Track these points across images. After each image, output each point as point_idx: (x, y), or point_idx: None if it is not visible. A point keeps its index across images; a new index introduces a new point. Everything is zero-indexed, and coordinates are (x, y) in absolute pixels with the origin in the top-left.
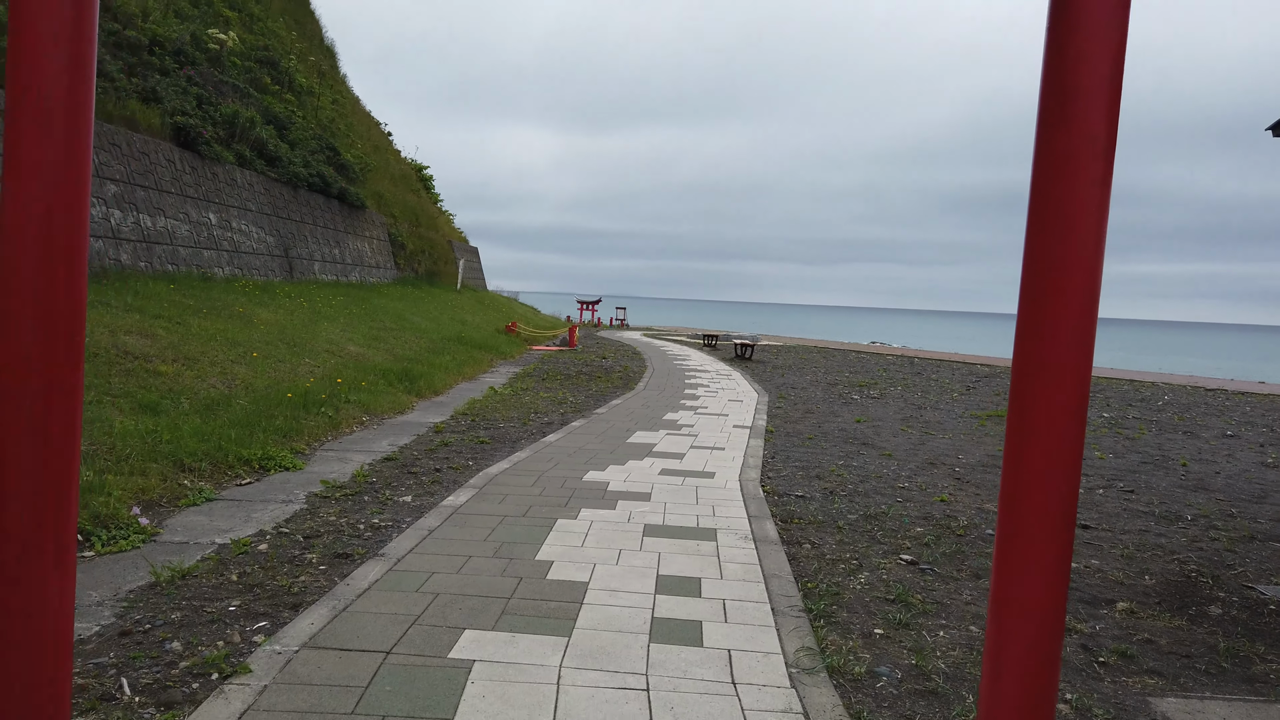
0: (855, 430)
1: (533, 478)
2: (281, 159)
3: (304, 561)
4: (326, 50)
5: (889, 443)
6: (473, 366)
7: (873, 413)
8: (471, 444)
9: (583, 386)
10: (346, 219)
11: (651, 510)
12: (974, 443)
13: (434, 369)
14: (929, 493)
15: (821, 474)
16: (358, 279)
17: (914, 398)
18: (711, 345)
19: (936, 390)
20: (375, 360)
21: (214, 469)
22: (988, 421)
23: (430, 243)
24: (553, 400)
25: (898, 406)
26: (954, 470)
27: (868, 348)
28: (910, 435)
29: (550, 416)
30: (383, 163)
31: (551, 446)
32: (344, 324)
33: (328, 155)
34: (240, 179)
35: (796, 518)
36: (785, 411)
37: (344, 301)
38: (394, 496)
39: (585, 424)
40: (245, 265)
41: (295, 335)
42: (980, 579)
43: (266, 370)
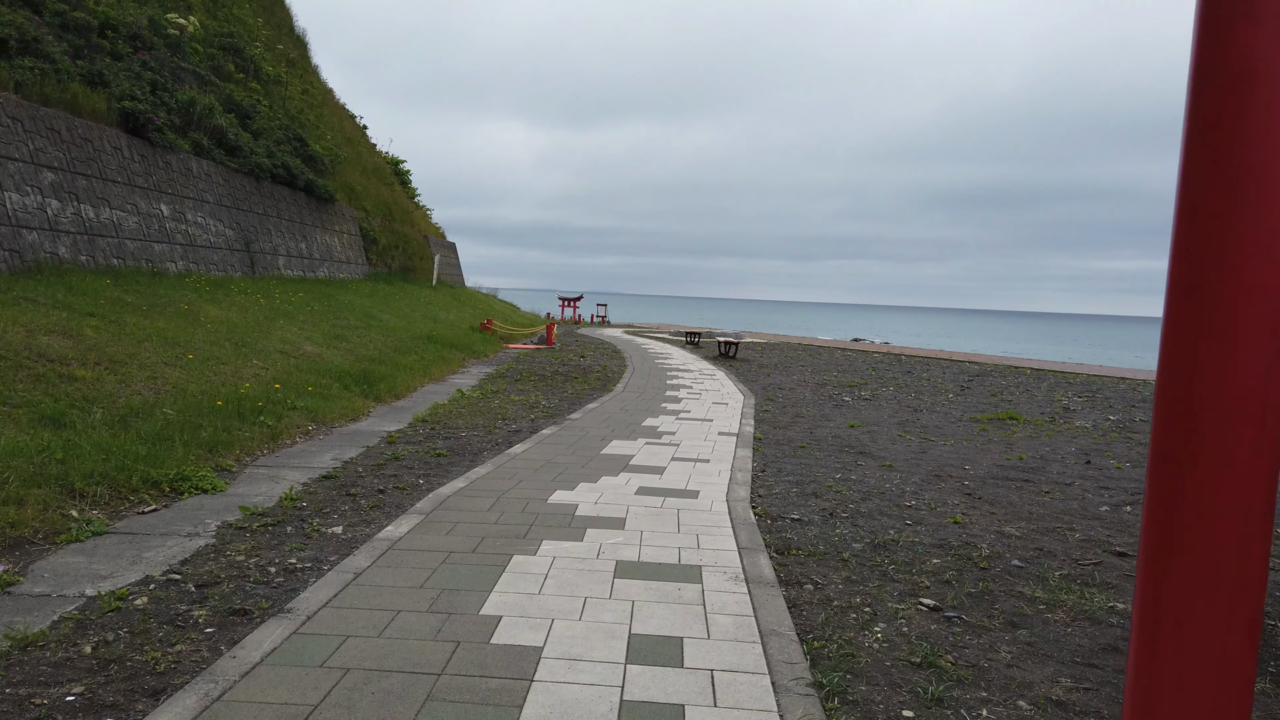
0: (850, 436)
1: (490, 499)
2: (243, 148)
3: (187, 622)
4: (297, 39)
5: (888, 451)
6: (441, 367)
7: (866, 416)
8: (426, 457)
9: (558, 388)
10: (314, 212)
11: (625, 542)
12: (979, 450)
13: (398, 370)
14: (940, 513)
15: (818, 490)
16: (326, 275)
17: (908, 399)
18: (694, 343)
19: (930, 391)
20: (333, 361)
21: (113, 494)
22: (989, 425)
23: (404, 238)
24: (524, 404)
25: (892, 409)
26: (963, 484)
27: (853, 345)
28: (909, 442)
29: (519, 423)
30: (355, 155)
31: (517, 459)
32: (303, 322)
33: (295, 146)
34: (196, 168)
35: (794, 548)
36: (774, 415)
37: (306, 298)
38: (323, 526)
39: (557, 432)
40: (201, 260)
41: (245, 335)
42: (1016, 628)
43: (204, 374)
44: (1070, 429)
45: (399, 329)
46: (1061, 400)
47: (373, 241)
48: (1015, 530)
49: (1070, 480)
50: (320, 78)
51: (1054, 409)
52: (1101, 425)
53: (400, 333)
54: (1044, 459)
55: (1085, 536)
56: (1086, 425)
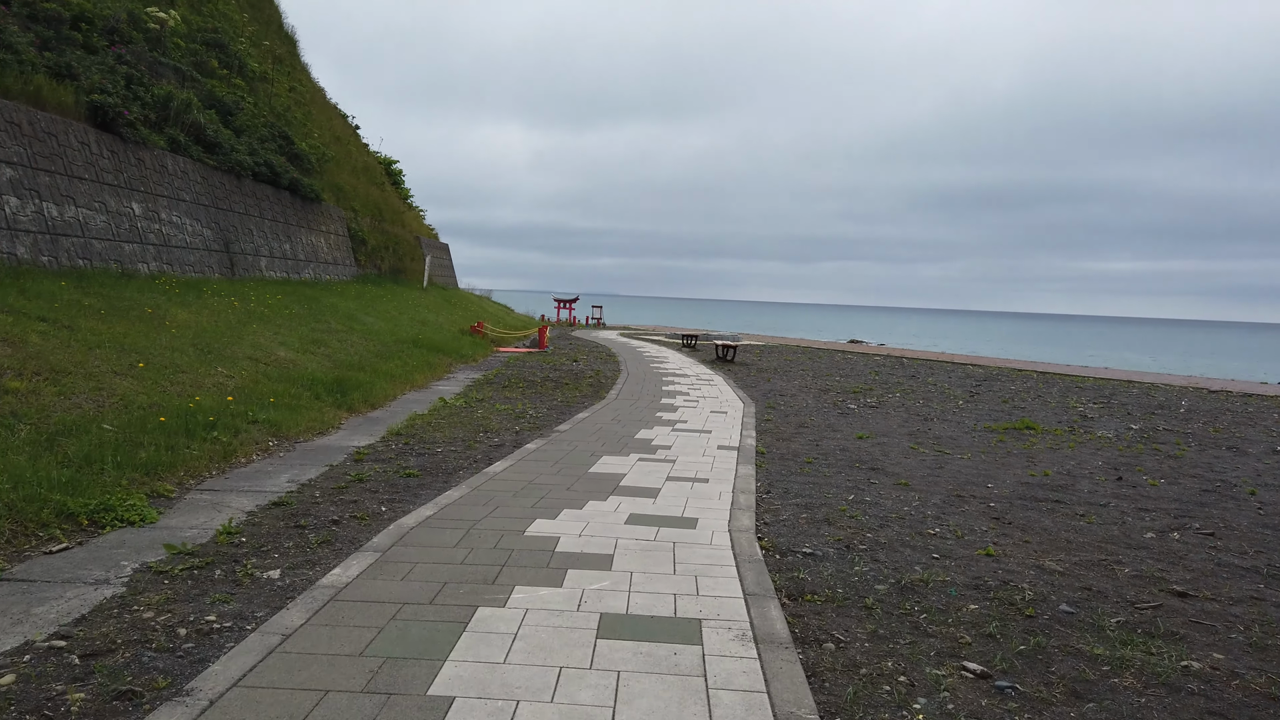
0: (859, 450)
1: (460, 531)
2: (223, 145)
3: (56, 711)
4: (286, 37)
5: (901, 466)
6: (425, 373)
7: (874, 426)
8: (395, 478)
9: (547, 396)
10: (299, 212)
11: (613, 587)
12: (998, 464)
13: (377, 377)
14: (969, 542)
15: (830, 515)
16: (311, 276)
17: (916, 406)
18: (691, 346)
19: (938, 397)
20: (307, 368)
21: (17, 530)
22: (1006, 436)
23: (395, 239)
24: (509, 414)
25: (900, 418)
26: (988, 505)
27: (853, 348)
28: (923, 456)
29: (502, 436)
30: (344, 154)
31: (495, 480)
32: (279, 326)
33: (280, 144)
34: (172, 166)
35: (809, 591)
36: (776, 425)
37: (286, 300)
38: (259, 569)
39: (542, 446)
40: (176, 261)
41: (213, 340)
42: (1082, 700)
43: (159, 383)
44: (1092, 440)
45: (383, 333)
46: (1077, 407)
47: (361, 242)
48: (1056, 564)
49: (1104, 500)
50: (310, 76)
51: (1071, 417)
52: (1125, 435)
53: (384, 336)
54: (1071, 475)
55: (1135, 571)
56: (1109, 435)
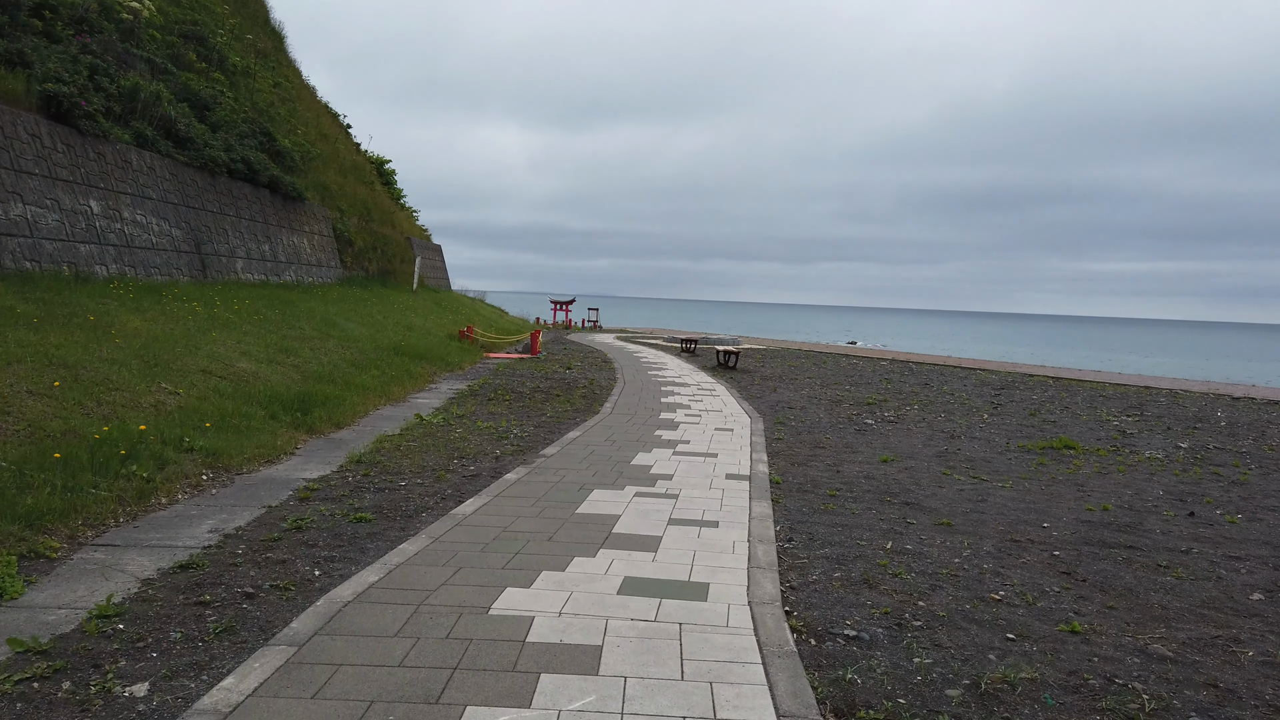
0: (886, 477)
1: (406, 609)
2: (195, 140)
3: None
4: (272, 32)
5: (938, 499)
6: (404, 384)
7: (897, 445)
8: (342, 524)
9: (535, 410)
10: (280, 211)
11: (599, 707)
12: (1047, 496)
13: (349, 390)
14: (1045, 612)
15: (869, 572)
16: (292, 278)
17: (938, 421)
18: (690, 351)
19: (959, 409)
20: (269, 381)
21: None
22: (1045, 458)
23: (384, 240)
24: (491, 433)
25: (923, 435)
26: (1051, 554)
27: (857, 351)
28: (959, 485)
29: (480, 462)
30: (332, 152)
31: (463, 526)
32: (246, 333)
33: (260, 140)
34: (137, 161)
35: (861, 703)
36: (789, 446)
37: (259, 305)
38: (122, 681)
39: (524, 477)
40: (141, 263)
41: (164, 350)
42: None
43: (84, 403)
44: (1141, 461)
45: (363, 339)
46: (1110, 420)
47: (348, 243)
48: (1161, 645)
49: (1184, 545)
50: (298, 72)
51: (1108, 433)
52: (1175, 456)
53: (364, 344)
54: (1133, 509)
55: (1262, 654)
56: (1158, 456)
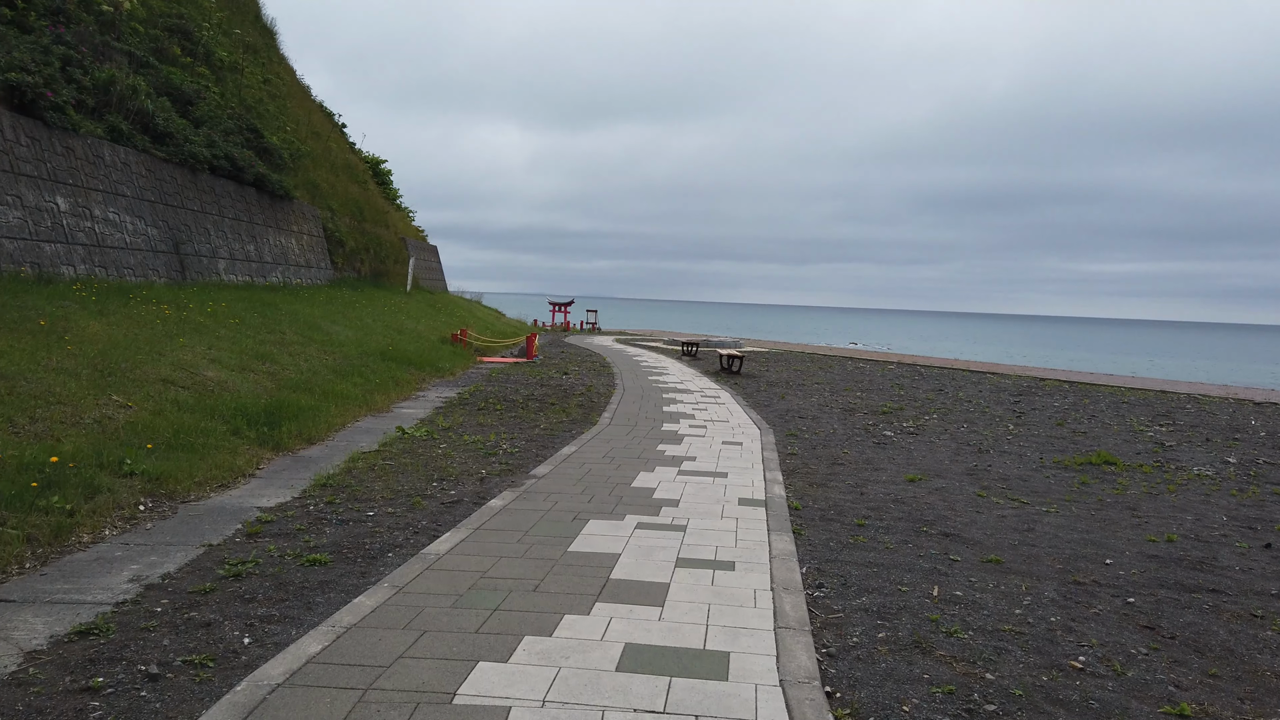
0: (916, 500)
1: (349, 696)
2: (174, 135)
3: None
4: (264, 28)
5: (978, 527)
6: (389, 393)
7: (922, 461)
8: (290, 569)
9: (528, 421)
10: (267, 210)
11: None
12: (1100, 523)
13: (326, 401)
14: (1139, 688)
15: (919, 631)
16: (279, 280)
17: (961, 432)
18: (691, 354)
19: (981, 419)
20: (238, 392)
21: None
22: (1087, 476)
23: (377, 240)
24: (479, 449)
25: (949, 449)
26: (1125, 602)
27: (864, 354)
28: (999, 509)
29: (463, 485)
30: (323, 150)
31: (433, 572)
32: (220, 338)
33: (247, 137)
34: (110, 156)
35: None
36: (804, 463)
37: (238, 307)
38: None
39: (511, 505)
40: (113, 263)
41: (123, 358)
42: None
43: (15, 419)
44: (1190, 479)
45: (349, 343)
46: (1143, 430)
47: (339, 244)
48: None
49: (1273, 586)
50: (290, 69)
51: (1146, 445)
52: (1226, 473)
53: (350, 348)
54: (1200, 539)
55: None
56: (1207, 473)
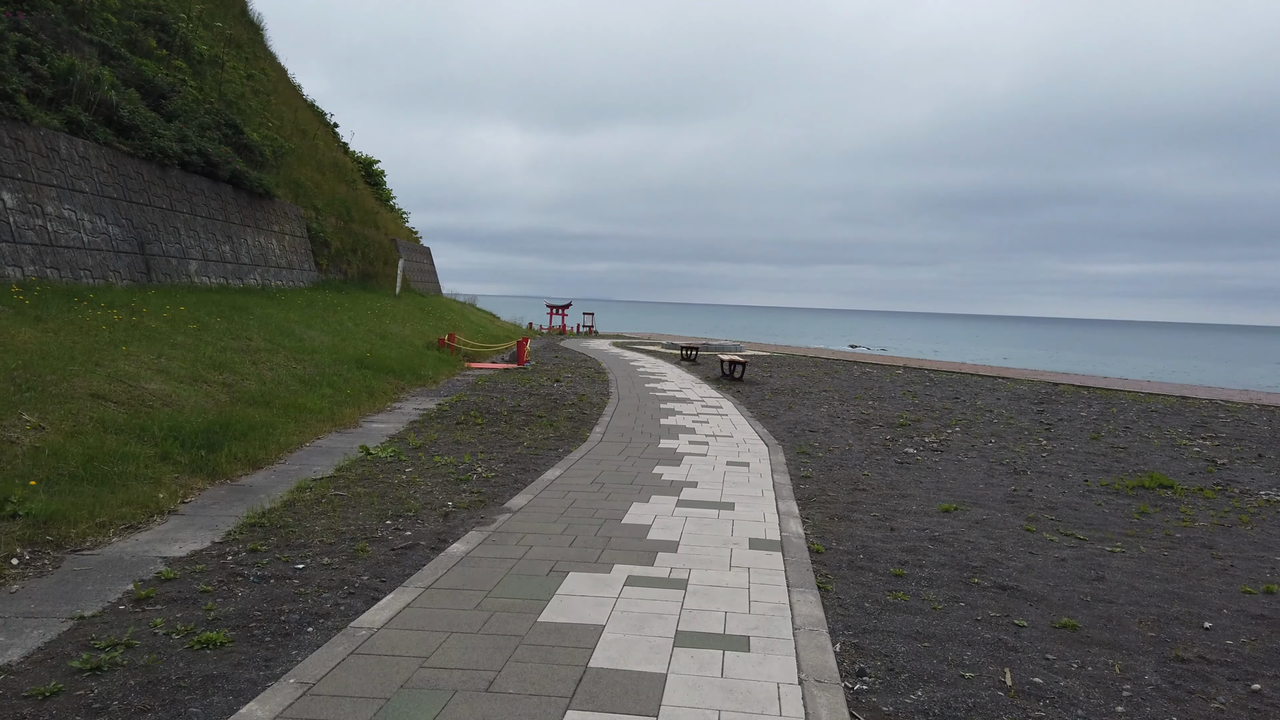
0: (957, 538)
1: None
2: (141, 129)
3: None
4: (250, 23)
5: (1036, 574)
6: (360, 405)
7: (953, 485)
8: (175, 654)
9: (510, 437)
10: (245, 209)
11: None
12: (1178, 567)
13: (284, 416)
14: None
15: None
16: (258, 282)
17: (989, 448)
18: (690, 359)
19: (1009, 432)
20: (182, 407)
21: None
22: (1144, 503)
23: (364, 241)
24: (450, 474)
25: (980, 469)
26: (1248, 688)
27: (869, 358)
28: (1055, 549)
29: (423, 523)
30: (309, 148)
31: (359, 658)
32: (174, 345)
33: (225, 133)
34: (68, 150)
35: None
36: (821, 487)
37: (202, 311)
38: None
39: (476, 550)
40: (67, 264)
41: (52, 369)
42: None
43: None
44: (1262, 506)
45: (324, 350)
46: (1187, 445)
47: (323, 244)
48: None
49: None
50: (279, 65)
51: (1196, 464)
52: None
53: (323, 355)
54: None
55: None
56: (1278, 498)
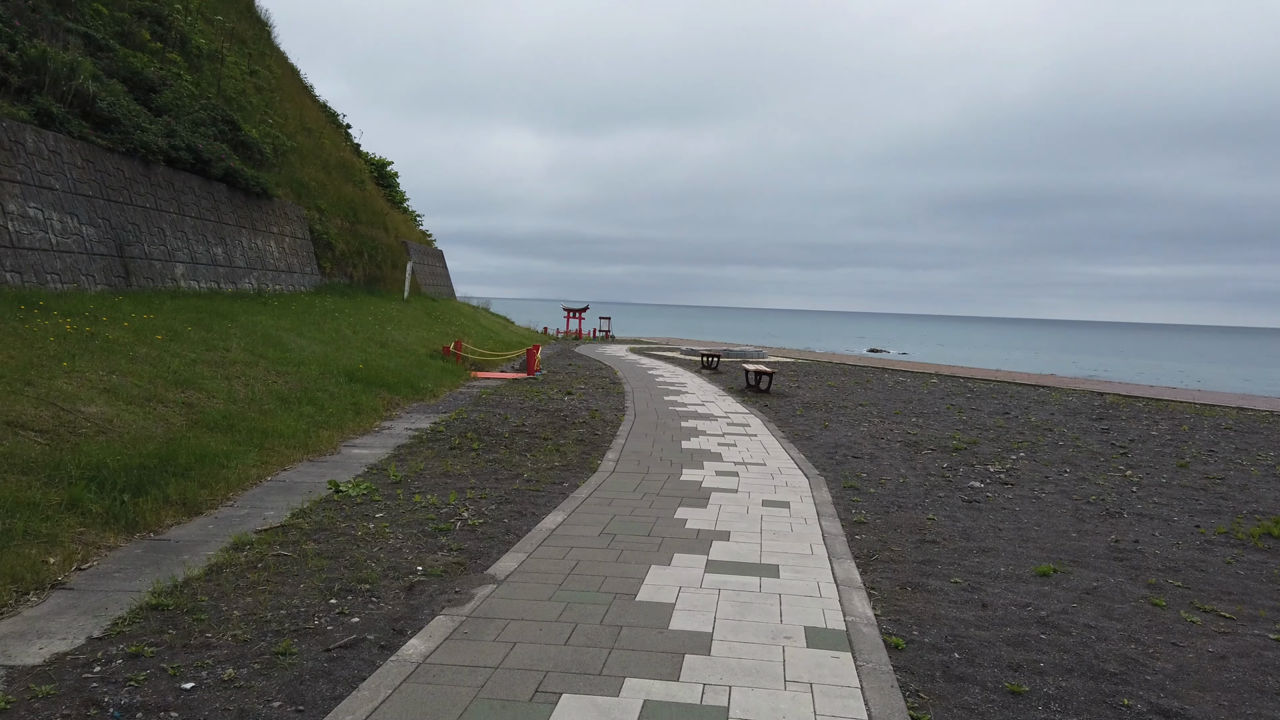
0: (1070, 621)
1: None
2: (121, 121)
3: None
4: (256, 19)
5: (1192, 679)
6: (342, 427)
7: (1039, 533)
8: None
9: (509, 467)
10: (241, 209)
11: None
12: None
13: (247, 443)
14: None
15: None
16: (253, 286)
17: (1065, 479)
18: (711, 367)
19: (1080, 456)
20: (122, 434)
21: None
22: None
23: (372, 243)
24: (429, 521)
25: (1066, 509)
26: None
27: (899, 364)
28: (1203, 637)
29: (377, 604)
30: (314, 146)
31: None
32: (134, 359)
33: (221, 129)
34: (36, 143)
35: None
36: (881, 539)
37: (178, 319)
38: None
39: (435, 657)
40: (31, 267)
41: None
42: None
43: None
44: None
45: (312, 361)
46: None
47: (327, 246)
48: None
49: None
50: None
51: None
52: None
53: (310, 367)
54: None
55: None
56: None
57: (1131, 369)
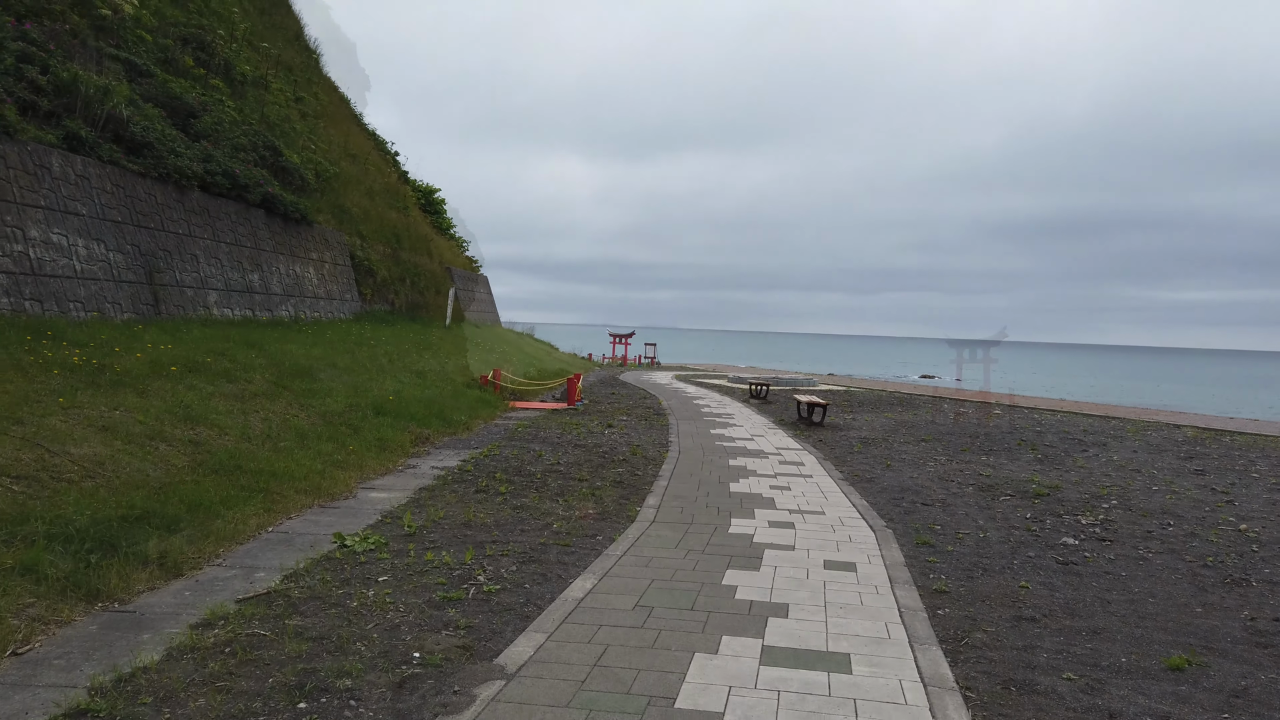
0: None
1: None
2: (155, 146)
3: None
4: (305, 48)
5: None
6: (363, 466)
7: (1159, 610)
8: None
9: (537, 515)
10: (279, 235)
11: None
12: None
13: (252, 488)
14: None
15: None
16: (290, 314)
17: (1171, 535)
18: (760, 397)
19: (1181, 506)
20: (113, 477)
21: None
22: None
23: (415, 269)
24: (438, 585)
25: (1180, 573)
26: None
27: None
28: None
29: (355, 709)
30: (359, 172)
31: None
32: (143, 393)
33: (262, 154)
34: (62, 167)
35: None
36: (967, 613)
37: (202, 350)
38: None
39: None
40: (53, 295)
41: None
42: None
43: None
44: None
45: (340, 393)
46: None
47: (368, 273)
48: None
49: None
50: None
51: None
52: None
53: (337, 399)
54: None
55: None
56: None
57: (1201, 397)
